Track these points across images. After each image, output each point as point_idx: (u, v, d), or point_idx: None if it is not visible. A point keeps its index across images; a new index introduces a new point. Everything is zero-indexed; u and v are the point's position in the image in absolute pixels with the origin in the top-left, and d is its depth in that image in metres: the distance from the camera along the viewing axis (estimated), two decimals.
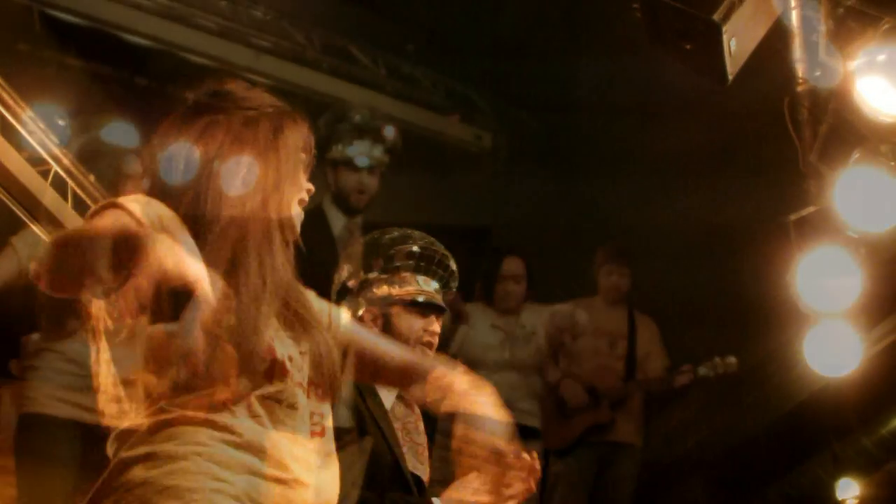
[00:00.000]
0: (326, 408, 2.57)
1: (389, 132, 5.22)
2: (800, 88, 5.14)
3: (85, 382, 4.54)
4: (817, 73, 5.07)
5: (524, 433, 5.79)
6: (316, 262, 5.13)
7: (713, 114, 8.69)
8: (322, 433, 2.52)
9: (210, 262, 2.20)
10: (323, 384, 2.52)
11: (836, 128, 5.18)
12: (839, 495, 6.93)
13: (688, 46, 4.44)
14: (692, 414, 8.04)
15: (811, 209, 5.39)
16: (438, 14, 7.54)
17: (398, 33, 7.89)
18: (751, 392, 7.90)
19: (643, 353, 6.99)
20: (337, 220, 5.18)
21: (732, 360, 6.74)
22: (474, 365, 5.66)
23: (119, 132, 7.93)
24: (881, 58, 4.88)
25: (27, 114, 4.62)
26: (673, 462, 8.11)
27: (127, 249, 1.99)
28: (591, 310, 7.15)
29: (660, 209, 8.97)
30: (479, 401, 2.83)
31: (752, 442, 7.82)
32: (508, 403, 5.75)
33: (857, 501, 6.89)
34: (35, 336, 6.47)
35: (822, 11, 4.74)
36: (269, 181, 2.55)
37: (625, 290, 7.15)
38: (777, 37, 5.05)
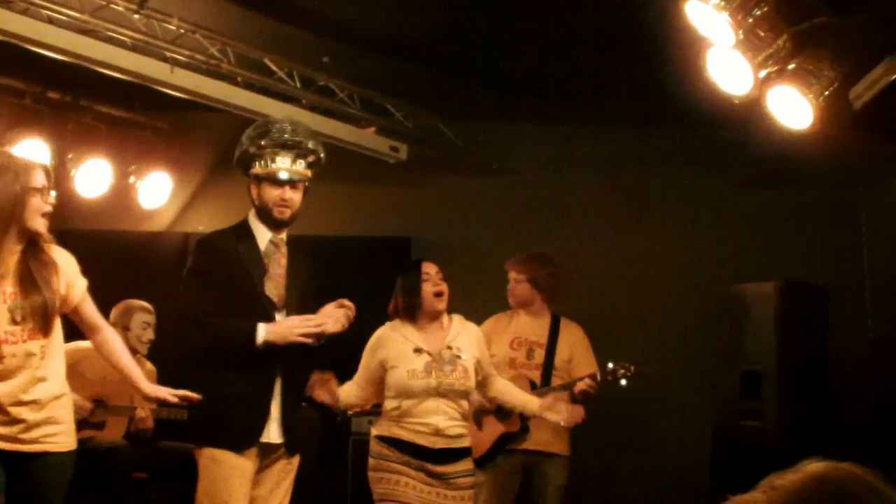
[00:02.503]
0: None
1: (314, 146, 5.23)
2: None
3: (9, 417, 4.49)
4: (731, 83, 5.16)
5: (459, 455, 5.82)
6: (245, 274, 5.15)
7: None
8: None
9: None
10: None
11: None
12: None
13: None
14: None
15: None
16: (354, 25, 7.54)
17: (314, 45, 7.88)
18: None
19: (564, 359, 7.02)
20: (263, 236, 5.17)
21: (631, 365, 6.76)
22: (405, 394, 5.70)
23: (31, 146, 7.89)
24: (791, 67, 4.98)
25: None
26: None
27: None
28: (514, 321, 7.20)
29: (581, 220, 9.11)
30: None
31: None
32: (440, 431, 5.81)
33: None
34: None
35: (733, 21, 4.82)
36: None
37: (519, 296, 7.17)
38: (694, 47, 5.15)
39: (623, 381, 6.70)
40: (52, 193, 4.67)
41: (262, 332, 4.96)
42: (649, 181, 9.10)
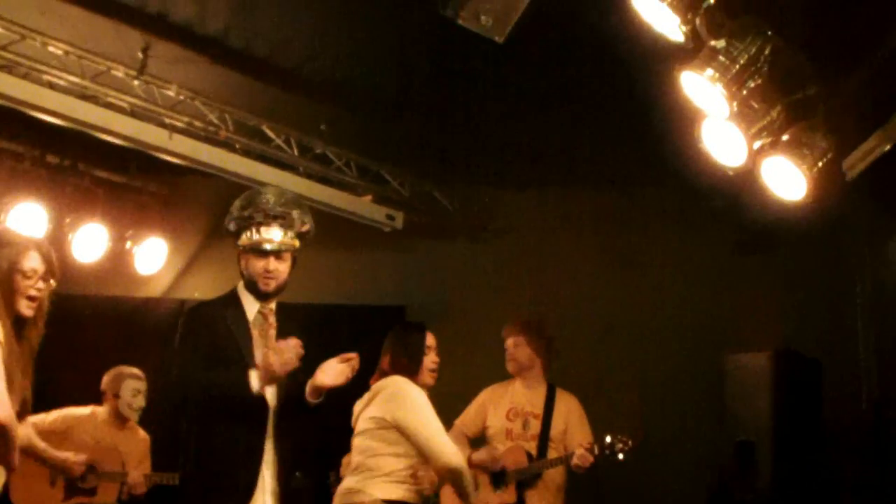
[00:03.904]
0: None
1: (300, 216, 5.21)
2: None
3: None
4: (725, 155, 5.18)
5: None
6: (233, 345, 5.13)
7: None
8: None
9: None
10: None
11: None
12: None
13: None
14: None
15: None
16: (350, 93, 7.60)
17: (311, 113, 7.93)
18: None
19: (559, 430, 6.97)
20: (251, 306, 5.16)
21: (628, 439, 6.71)
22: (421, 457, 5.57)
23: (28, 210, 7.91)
24: (785, 138, 5.01)
25: None
26: None
27: None
28: (510, 391, 7.17)
29: (575, 285, 9.11)
30: None
31: None
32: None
33: None
34: None
35: (727, 93, 4.85)
36: None
37: (520, 361, 7.15)
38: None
39: (620, 455, 6.66)
40: (51, 281, 4.60)
41: (255, 379, 4.92)
42: (642, 246, 9.12)
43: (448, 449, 5.26)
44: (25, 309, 4.49)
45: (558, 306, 8.72)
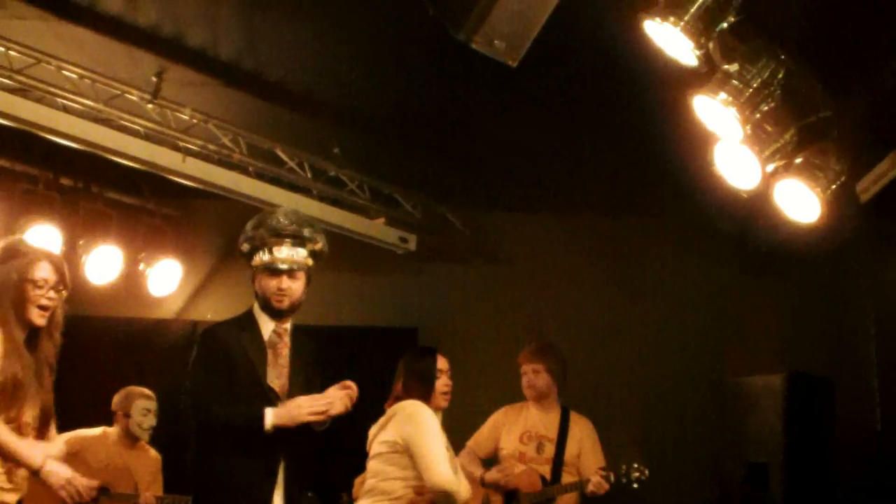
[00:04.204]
0: None
1: (311, 234, 5.21)
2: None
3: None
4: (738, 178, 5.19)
5: None
6: (248, 364, 5.11)
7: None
8: None
9: None
10: None
11: None
12: None
13: None
14: None
15: None
16: (363, 116, 7.61)
17: (324, 136, 7.94)
18: None
19: (573, 454, 6.94)
20: (266, 326, 5.16)
21: (644, 468, 6.70)
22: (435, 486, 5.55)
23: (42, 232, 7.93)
24: (798, 161, 5.02)
25: None
26: None
27: None
28: (524, 414, 7.15)
29: (585, 307, 9.10)
30: None
31: None
32: None
33: None
34: None
35: (740, 117, 4.86)
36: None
37: (540, 388, 7.12)
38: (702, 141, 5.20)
39: (636, 485, 6.65)
40: (62, 291, 4.63)
41: (270, 416, 4.92)
42: (652, 270, 9.12)
43: (442, 470, 5.21)
44: (38, 318, 4.54)
45: (569, 330, 8.71)
